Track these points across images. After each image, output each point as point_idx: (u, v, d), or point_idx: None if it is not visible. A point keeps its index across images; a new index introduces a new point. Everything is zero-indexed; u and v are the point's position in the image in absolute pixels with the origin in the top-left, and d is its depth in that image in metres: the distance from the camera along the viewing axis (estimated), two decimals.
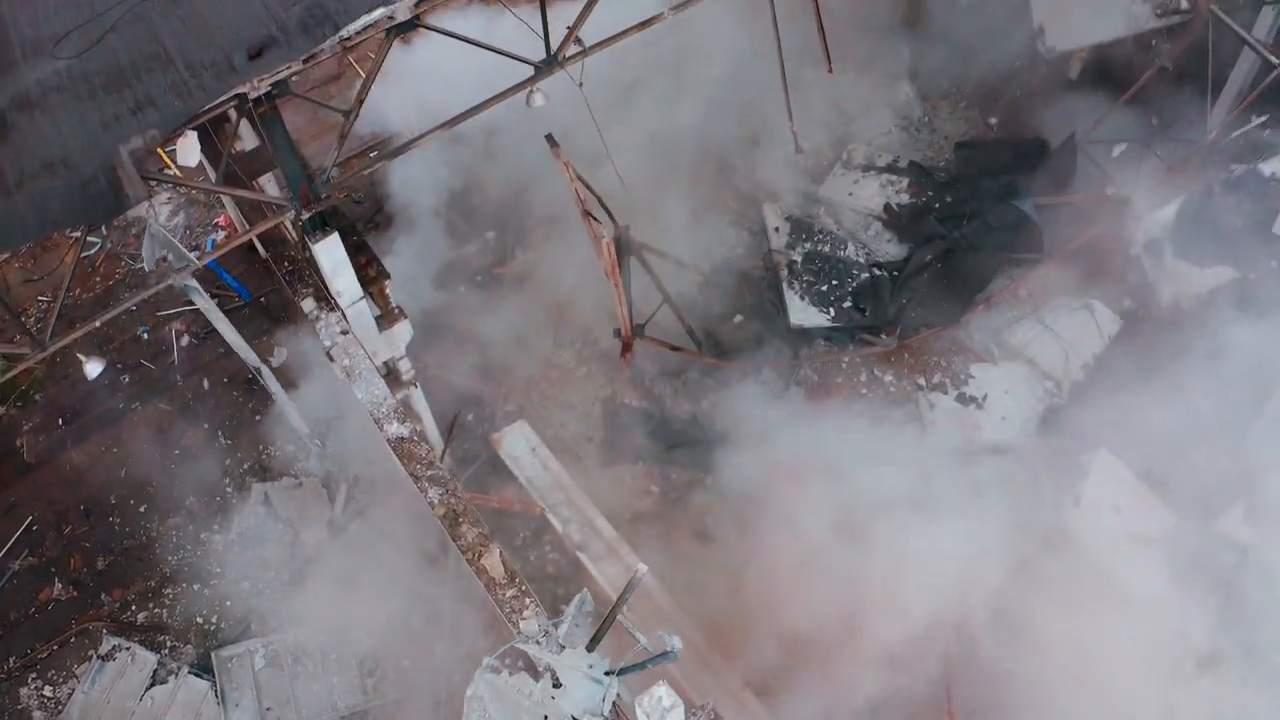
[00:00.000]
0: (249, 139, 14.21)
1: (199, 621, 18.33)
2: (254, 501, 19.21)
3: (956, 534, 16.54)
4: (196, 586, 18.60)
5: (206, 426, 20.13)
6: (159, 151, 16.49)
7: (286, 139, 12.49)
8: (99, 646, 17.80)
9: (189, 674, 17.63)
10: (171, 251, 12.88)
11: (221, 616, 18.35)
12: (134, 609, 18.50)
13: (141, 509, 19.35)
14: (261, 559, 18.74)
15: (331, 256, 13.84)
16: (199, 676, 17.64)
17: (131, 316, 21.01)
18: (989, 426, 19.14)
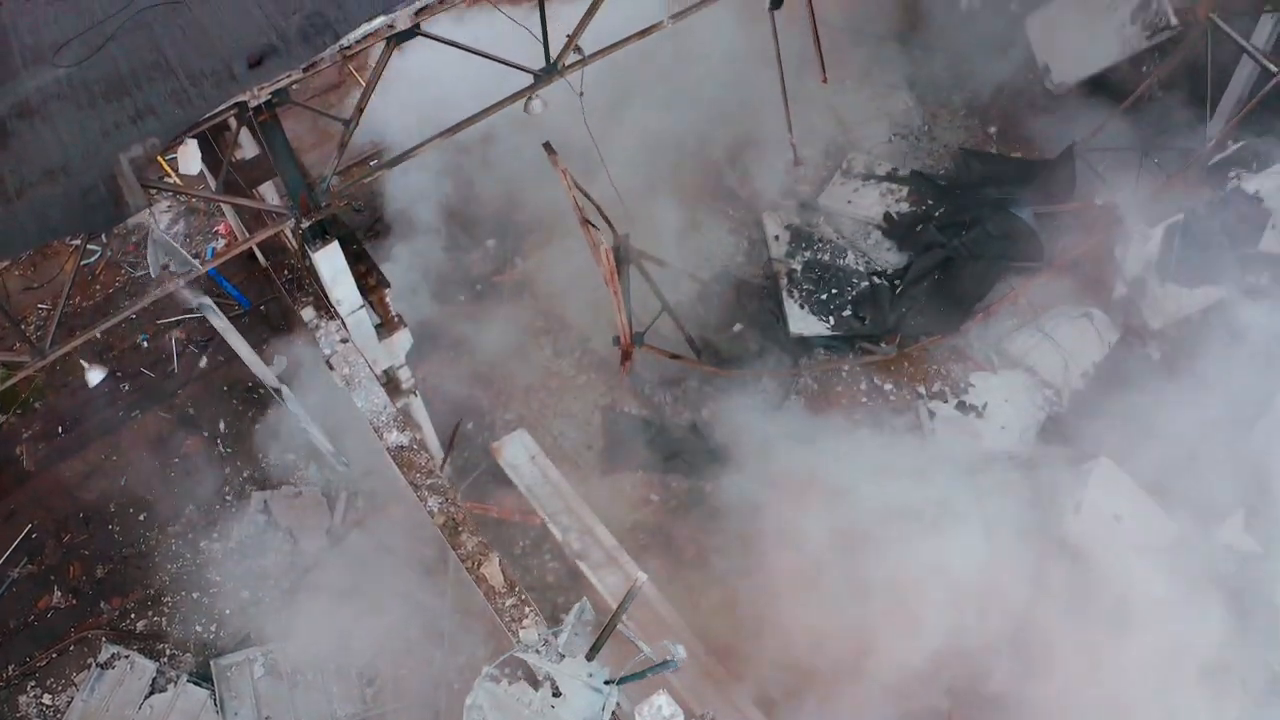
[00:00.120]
0: (249, 147, 14.22)
1: (198, 630, 18.31)
2: (253, 510, 19.18)
3: (956, 544, 16.53)
4: (196, 595, 18.58)
5: (206, 435, 20.12)
6: (159, 160, 16.50)
7: (286, 147, 12.50)
8: (98, 655, 17.74)
9: (188, 682, 17.56)
10: (174, 258, 12.89)
11: (221, 625, 18.33)
12: (133, 617, 18.48)
13: (141, 517, 19.33)
14: (261, 567, 18.72)
15: (331, 265, 13.84)
16: (198, 685, 17.57)
17: (131, 325, 21.01)
18: (989, 435, 19.13)
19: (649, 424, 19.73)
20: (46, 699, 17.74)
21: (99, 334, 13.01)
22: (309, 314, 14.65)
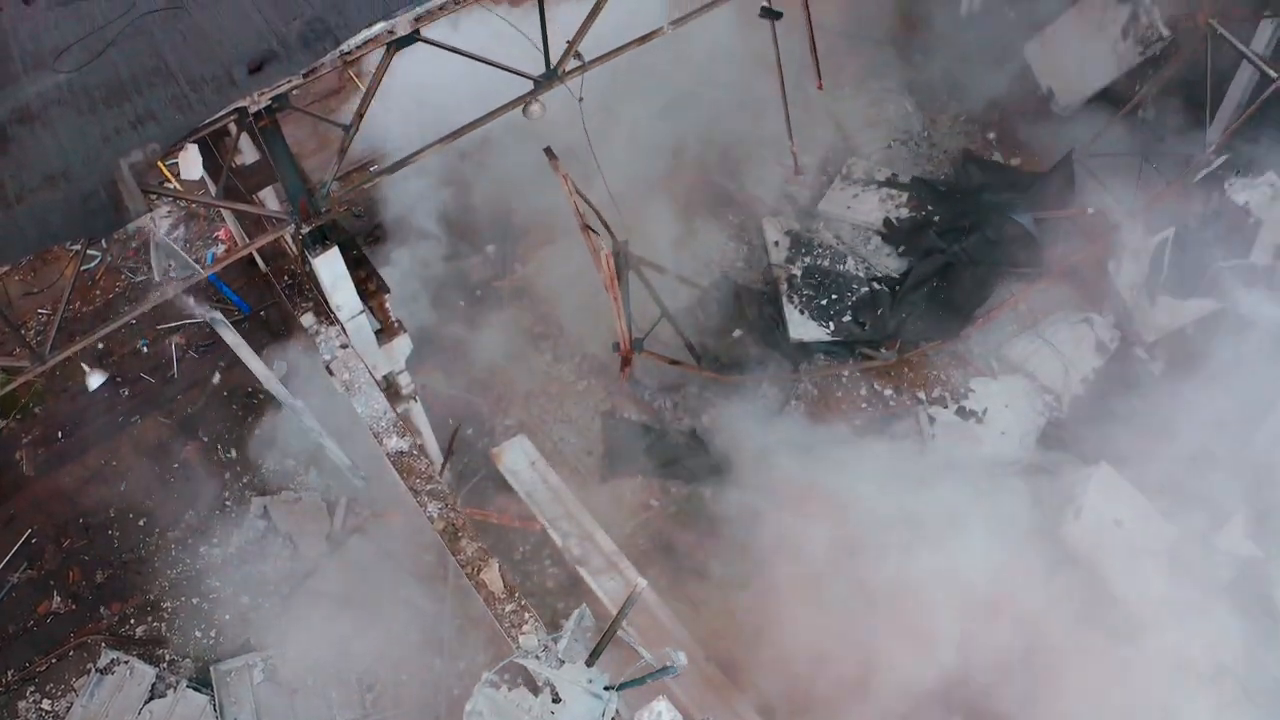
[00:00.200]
0: (249, 153, 14.21)
1: (198, 635, 18.29)
2: (253, 516, 19.18)
3: (956, 551, 16.51)
4: (195, 600, 18.57)
5: (206, 440, 20.11)
6: (159, 165, 16.50)
7: (287, 153, 12.49)
8: (97, 660, 17.74)
9: (187, 688, 17.56)
10: (176, 262, 12.88)
11: (220, 630, 18.31)
12: (133, 622, 18.47)
13: (140, 522, 19.32)
14: (260, 573, 18.71)
15: (331, 270, 13.83)
16: (197, 690, 17.57)
17: (131, 330, 21.01)
18: (989, 440, 19.13)
19: (649, 430, 19.72)
20: (46, 704, 17.72)
21: (99, 339, 12.96)
22: (309, 319, 14.63)
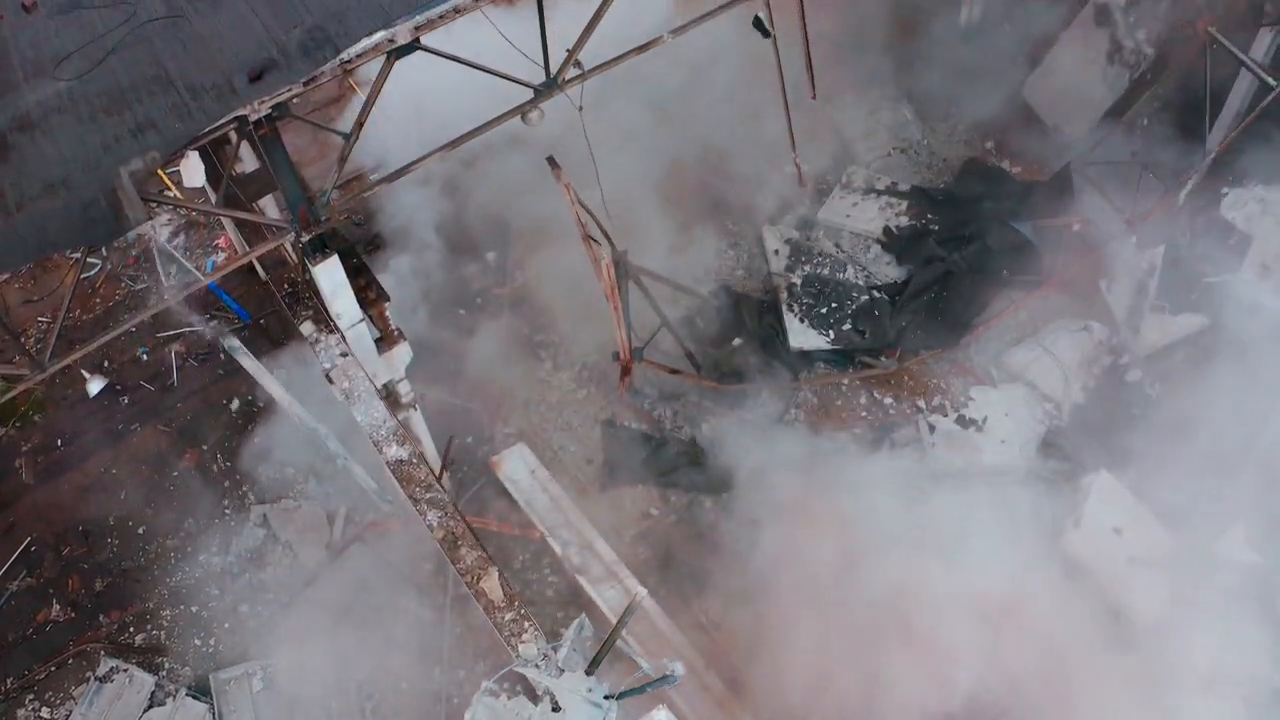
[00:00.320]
0: (249, 161, 14.22)
1: (197, 644, 18.27)
2: (252, 524, 19.17)
3: (957, 560, 16.50)
4: (195, 608, 18.55)
5: (205, 448, 20.10)
6: (159, 173, 16.51)
7: (287, 161, 12.50)
8: (96, 668, 17.72)
9: (187, 696, 17.53)
10: (177, 270, 12.86)
11: (219, 639, 18.28)
12: (132, 631, 18.45)
13: (140, 530, 19.31)
14: (260, 581, 18.70)
15: (331, 279, 13.83)
16: (197, 699, 17.54)
17: (131, 338, 20.99)
18: (989, 449, 19.10)
19: (649, 439, 19.70)
20: (45, 712, 17.70)
21: (98, 347, 12.96)
22: (308, 328, 14.62)
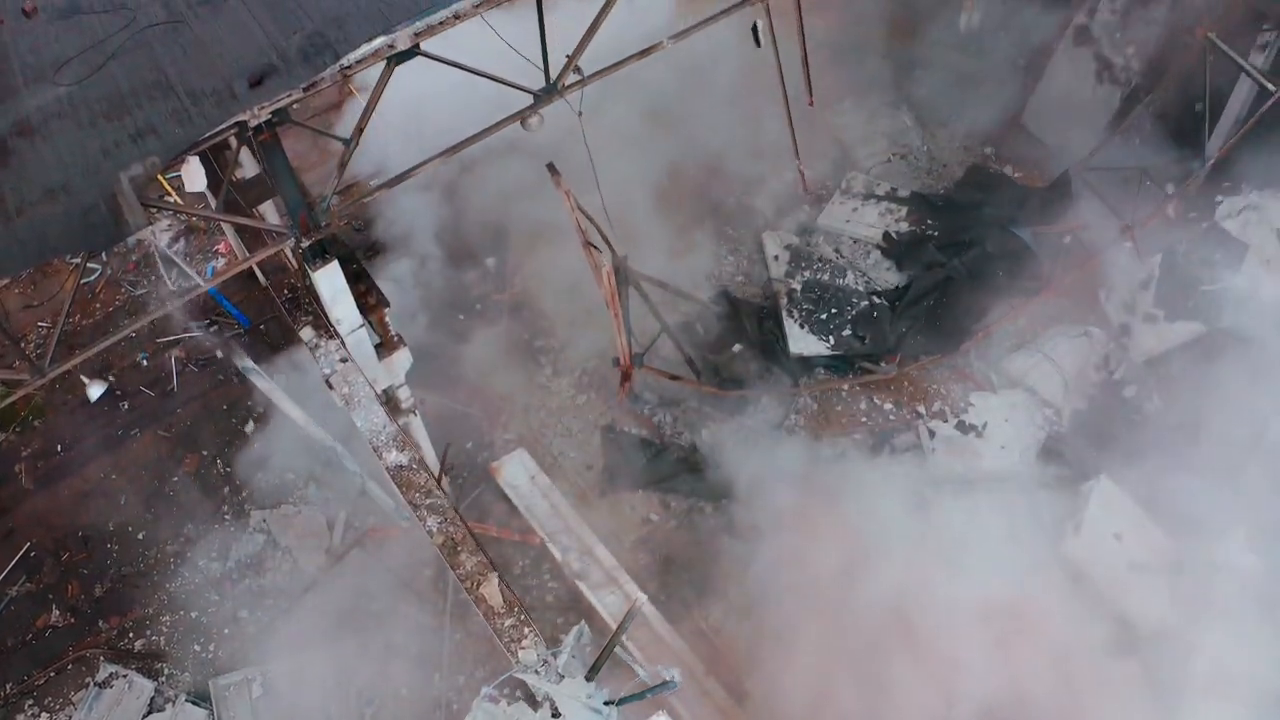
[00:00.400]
0: (250, 166, 14.23)
1: (196, 649, 18.25)
2: (252, 529, 19.16)
3: (958, 567, 16.49)
4: (194, 614, 18.53)
5: (205, 453, 20.10)
6: (159, 178, 16.52)
7: (287, 167, 12.50)
8: (96, 674, 17.72)
9: (186, 702, 17.52)
10: (177, 276, 12.85)
11: (219, 644, 18.27)
12: (131, 636, 18.43)
13: (140, 536, 19.30)
14: (260, 587, 18.68)
15: (331, 284, 13.82)
16: (196, 705, 17.53)
17: (131, 343, 21.00)
18: (989, 455, 19.11)
19: (649, 444, 19.70)
20: (44, 718, 17.68)
21: (98, 353, 12.95)
22: (308, 333, 14.61)
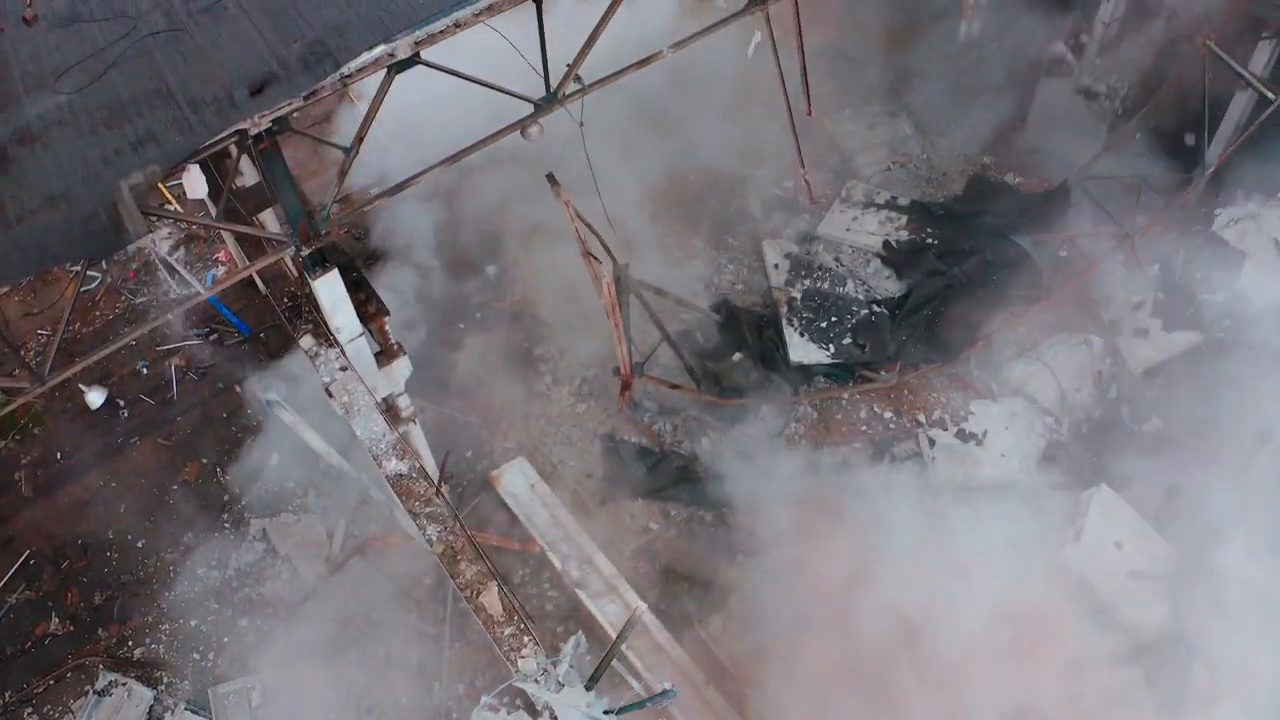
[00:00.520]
0: (250, 175, 14.23)
1: (196, 658, 18.22)
2: (252, 537, 19.15)
3: (956, 571, 16.49)
4: (194, 622, 18.51)
5: (205, 462, 20.09)
6: (160, 186, 16.52)
7: (287, 175, 12.50)
8: (95, 682, 17.69)
9: (185, 710, 17.51)
10: (177, 284, 12.84)
11: (218, 653, 18.24)
12: (131, 644, 18.41)
13: (139, 544, 19.28)
14: (259, 595, 18.66)
15: (331, 293, 13.83)
16: (195, 713, 17.50)
17: (131, 352, 21.01)
18: (989, 463, 19.09)
19: (649, 452, 19.68)
20: None
21: (98, 361, 12.94)
22: (308, 341, 14.61)
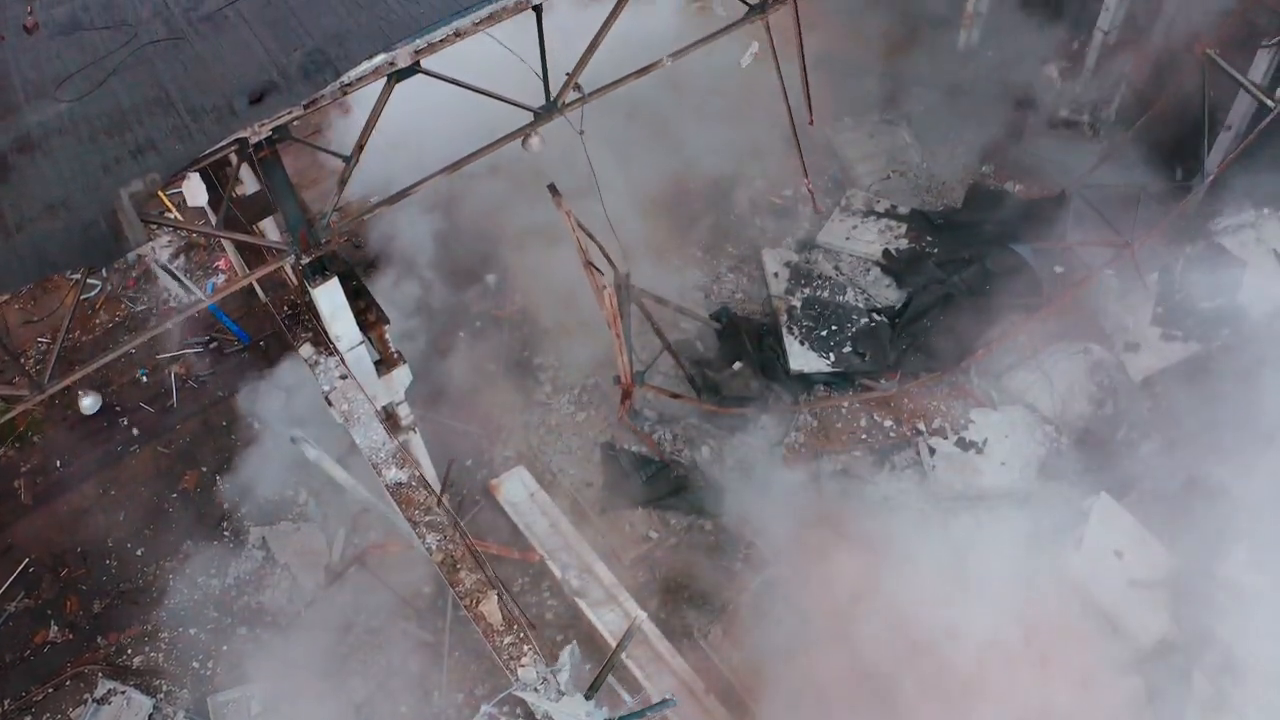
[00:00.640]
0: (250, 183, 14.22)
1: (195, 666, 18.20)
2: (251, 546, 19.13)
3: (955, 580, 16.48)
4: (193, 630, 18.48)
5: (204, 470, 20.08)
6: (160, 194, 16.53)
7: (287, 184, 12.50)
8: (94, 690, 17.65)
9: (185, 718, 17.49)
10: (177, 291, 12.83)
11: (218, 661, 18.21)
12: (130, 653, 18.38)
13: (139, 552, 19.26)
14: (259, 603, 18.64)
15: (331, 301, 13.82)
16: None
17: (131, 359, 21.01)
18: (989, 472, 19.09)
19: (648, 461, 19.66)
20: None
21: (98, 368, 12.92)
22: (308, 350, 14.59)
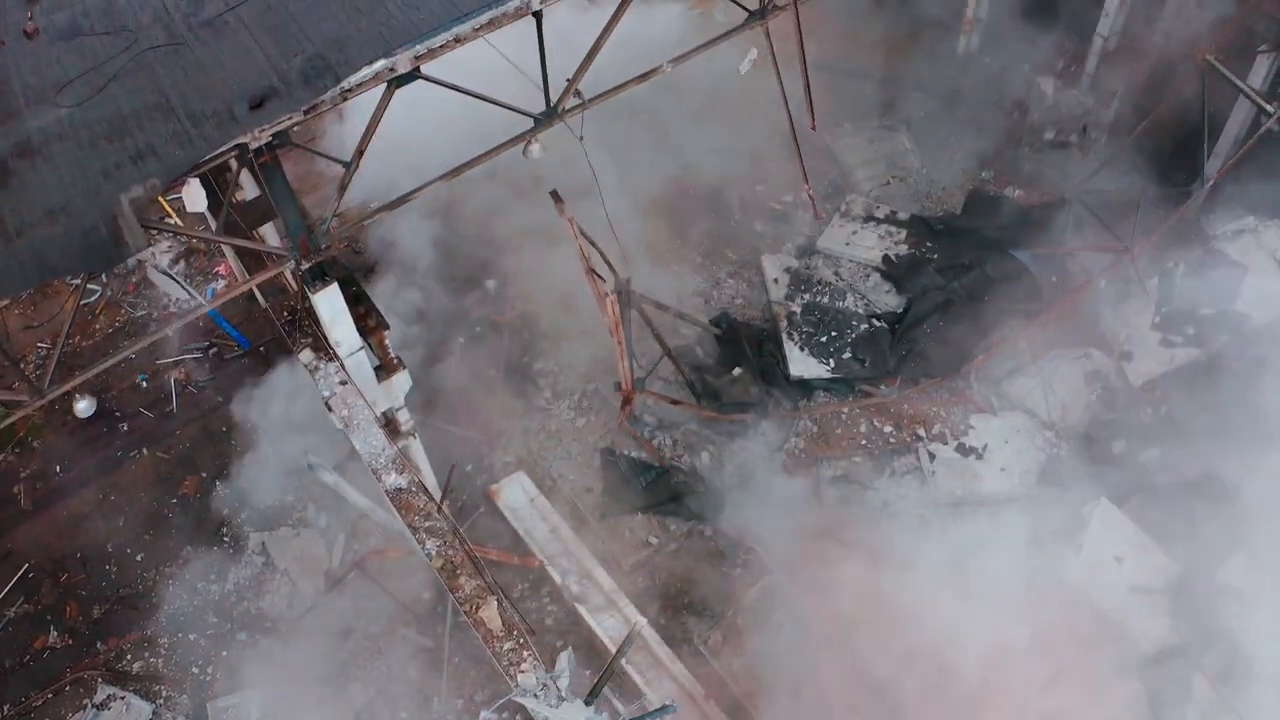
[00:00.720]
0: (250, 189, 14.23)
1: (194, 671, 18.19)
2: (251, 551, 19.12)
3: (955, 585, 16.47)
4: (193, 636, 18.47)
5: (204, 475, 20.07)
6: (160, 200, 16.52)
7: (287, 189, 12.51)
8: (94, 695, 17.67)
9: None
10: (177, 297, 12.82)
11: (217, 666, 18.20)
12: (129, 658, 18.37)
13: (138, 558, 19.26)
14: (258, 609, 18.63)
15: (330, 306, 13.83)
16: None
17: (130, 365, 21.01)
18: (989, 477, 19.09)
19: (648, 467, 19.65)
20: None
21: (98, 374, 12.93)
22: (307, 355, 14.60)
